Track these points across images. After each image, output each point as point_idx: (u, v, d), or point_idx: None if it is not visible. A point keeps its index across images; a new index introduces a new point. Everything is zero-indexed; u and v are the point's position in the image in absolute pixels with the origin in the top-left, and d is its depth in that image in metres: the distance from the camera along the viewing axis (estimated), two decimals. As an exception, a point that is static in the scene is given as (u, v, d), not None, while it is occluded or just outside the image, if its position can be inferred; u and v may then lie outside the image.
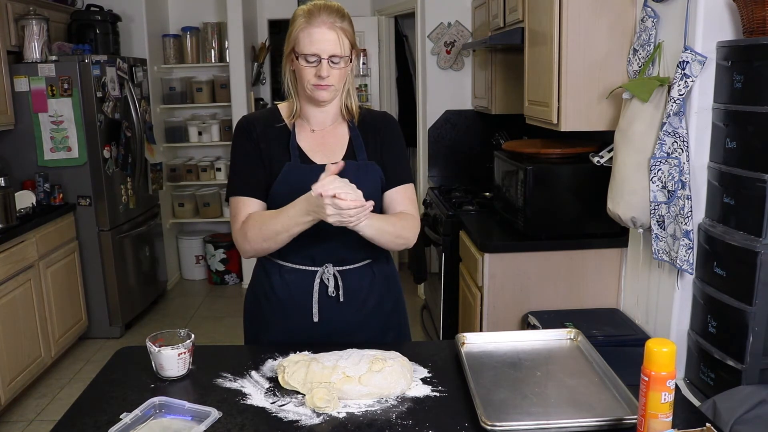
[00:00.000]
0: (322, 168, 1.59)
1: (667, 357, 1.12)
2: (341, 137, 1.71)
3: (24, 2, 3.83)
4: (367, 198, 1.57)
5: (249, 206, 1.64)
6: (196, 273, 5.40)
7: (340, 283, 1.68)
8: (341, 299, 1.68)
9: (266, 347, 1.63)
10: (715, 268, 2.06)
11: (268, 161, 1.65)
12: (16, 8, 3.76)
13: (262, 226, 1.58)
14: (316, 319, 1.68)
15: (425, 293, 4.22)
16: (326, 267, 1.67)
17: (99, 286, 4.09)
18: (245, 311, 1.84)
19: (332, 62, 1.56)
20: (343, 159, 1.66)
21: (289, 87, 1.68)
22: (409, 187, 1.74)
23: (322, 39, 1.55)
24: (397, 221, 1.65)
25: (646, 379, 1.13)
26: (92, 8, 4.39)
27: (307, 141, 1.68)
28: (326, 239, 1.64)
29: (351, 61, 1.62)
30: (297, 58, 1.58)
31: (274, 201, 1.63)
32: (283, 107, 1.73)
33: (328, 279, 1.67)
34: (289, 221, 1.52)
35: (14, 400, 3.28)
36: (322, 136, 1.70)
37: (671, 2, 2.24)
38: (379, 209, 1.70)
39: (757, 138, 1.90)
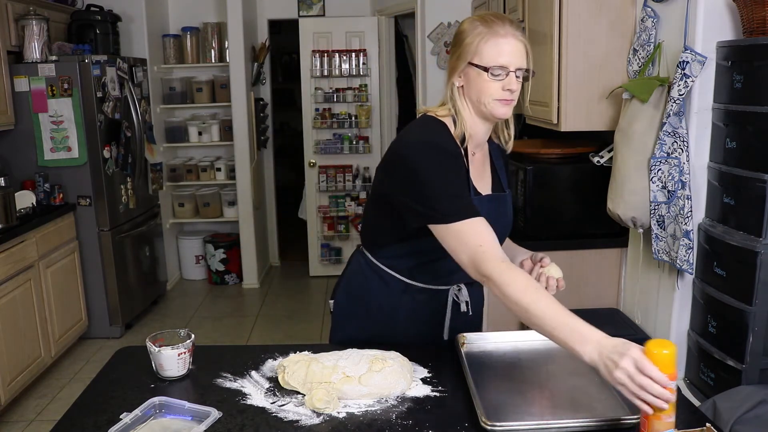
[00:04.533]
0: (487, 198, 1.56)
1: (667, 359, 1.11)
2: (487, 162, 1.64)
3: (24, 2, 3.83)
4: (504, 228, 1.59)
5: (481, 227, 1.39)
6: (196, 273, 5.40)
7: (468, 300, 1.67)
8: (470, 313, 1.68)
9: (266, 347, 1.63)
10: (715, 268, 2.06)
11: None
12: (16, 8, 3.76)
13: (538, 308, 1.27)
14: (446, 336, 1.67)
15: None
16: (459, 286, 1.66)
17: (99, 286, 4.09)
18: (343, 313, 1.73)
19: (517, 75, 1.46)
20: (492, 188, 1.61)
21: (457, 104, 1.51)
22: None
23: (512, 51, 1.44)
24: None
25: None
26: (92, 8, 4.38)
27: (471, 167, 1.56)
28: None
29: (530, 77, 1.50)
30: (485, 71, 1.44)
31: None
32: (450, 125, 1.53)
33: (458, 296, 1.66)
34: (562, 336, 1.22)
35: (14, 400, 3.28)
36: (479, 159, 1.60)
37: (671, 2, 2.24)
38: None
39: (757, 138, 1.90)
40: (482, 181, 1.60)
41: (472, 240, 1.37)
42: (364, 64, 5.19)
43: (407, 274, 1.64)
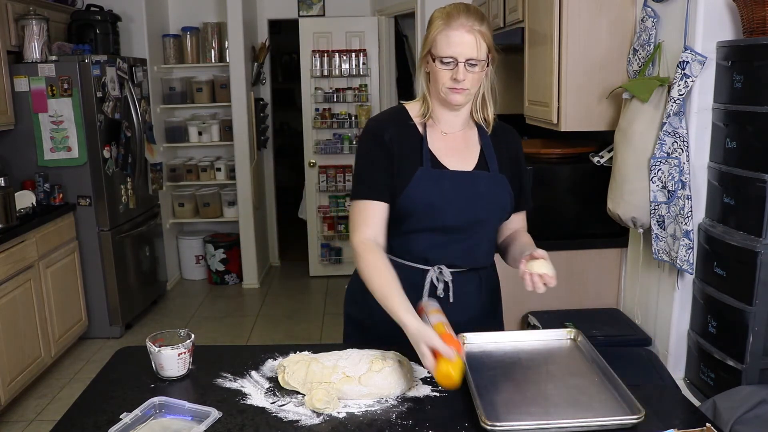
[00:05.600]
0: (453, 174, 1.62)
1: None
2: (472, 143, 1.69)
3: (24, 2, 3.83)
4: (498, 212, 1.65)
5: (372, 210, 1.61)
6: (196, 273, 5.40)
7: (450, 284, 1.67)
8: (451, 300, 1.67)
9: (266, 347, 1.63)
10: (715, 268, 2.06)
11: (400, 165, 1.62)
12: (16, 8, 3.76)
13: (372, 280, 1.53)
14: None
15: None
16: (440, 268, 1.66)
17: (99, 286, 4.09)
18: (349, 299, 1.83)
19: (469, 65, 1.54)
20: (475, 167, 1.66)
21: (423, 87, 1.66)
22: (525, 212, 1.82)
23: (460, 42, 1.53)
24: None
25: None
26: (92, 8, 4.38)
27: (438, 144, 1.66)
28: (447, 246, 1.63)
29: (488, 66, 1.58)
30: (433, 60, 1.57)
31: (405, 206, 1.61)
32: (411, 107, 1.70)
33: (437, 279, 1.66)
34: (390, 312, 1.46)
35: (14, 400, 3.28)
36: (454, 139, 1.67)
37: (671, 2, 2.24)
38: (501, 222, 1.73)
39: (757, 138, 1.90)
40: (460, 158, 1.65)
41: (355, 217, 1.63)
42: (364, 64, 5.19)
43: (389, 251, 1.67)
